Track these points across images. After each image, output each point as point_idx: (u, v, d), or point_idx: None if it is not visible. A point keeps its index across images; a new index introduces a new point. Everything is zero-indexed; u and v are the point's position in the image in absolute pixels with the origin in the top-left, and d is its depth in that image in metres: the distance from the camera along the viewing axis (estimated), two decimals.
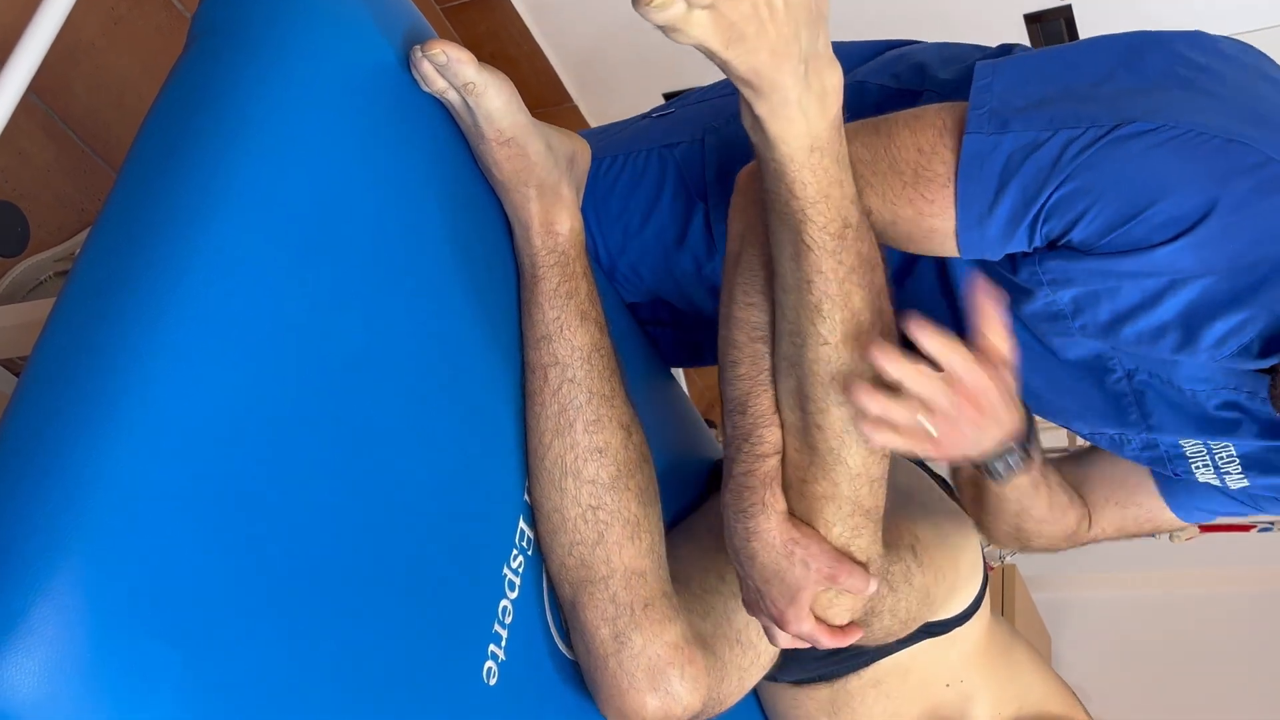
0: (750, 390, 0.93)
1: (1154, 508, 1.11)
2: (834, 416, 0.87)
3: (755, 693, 1.25)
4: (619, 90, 2.40)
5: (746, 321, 0.93)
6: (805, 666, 1.17)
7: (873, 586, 0.92)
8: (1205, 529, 2.46)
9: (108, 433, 0.66)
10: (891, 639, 1.08)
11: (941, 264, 1.02)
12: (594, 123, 2.50)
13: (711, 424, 2.84)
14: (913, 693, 1.20)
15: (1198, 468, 0.99)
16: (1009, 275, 0.90)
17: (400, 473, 0.85)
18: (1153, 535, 1.17)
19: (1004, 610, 2.51)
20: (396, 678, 0.82)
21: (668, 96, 2.36)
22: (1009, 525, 1.09)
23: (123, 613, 0.64)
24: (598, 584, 0.97)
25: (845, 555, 0.91)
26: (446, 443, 0.91)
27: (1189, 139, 0.78)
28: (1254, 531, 2.71)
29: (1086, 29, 2.02)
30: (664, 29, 0.72)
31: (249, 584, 0.71)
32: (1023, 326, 0.95)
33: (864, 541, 0.93)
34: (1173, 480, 1.07)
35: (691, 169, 1.13)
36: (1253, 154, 0.78)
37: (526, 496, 1.00)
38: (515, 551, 0.97)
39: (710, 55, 0.75)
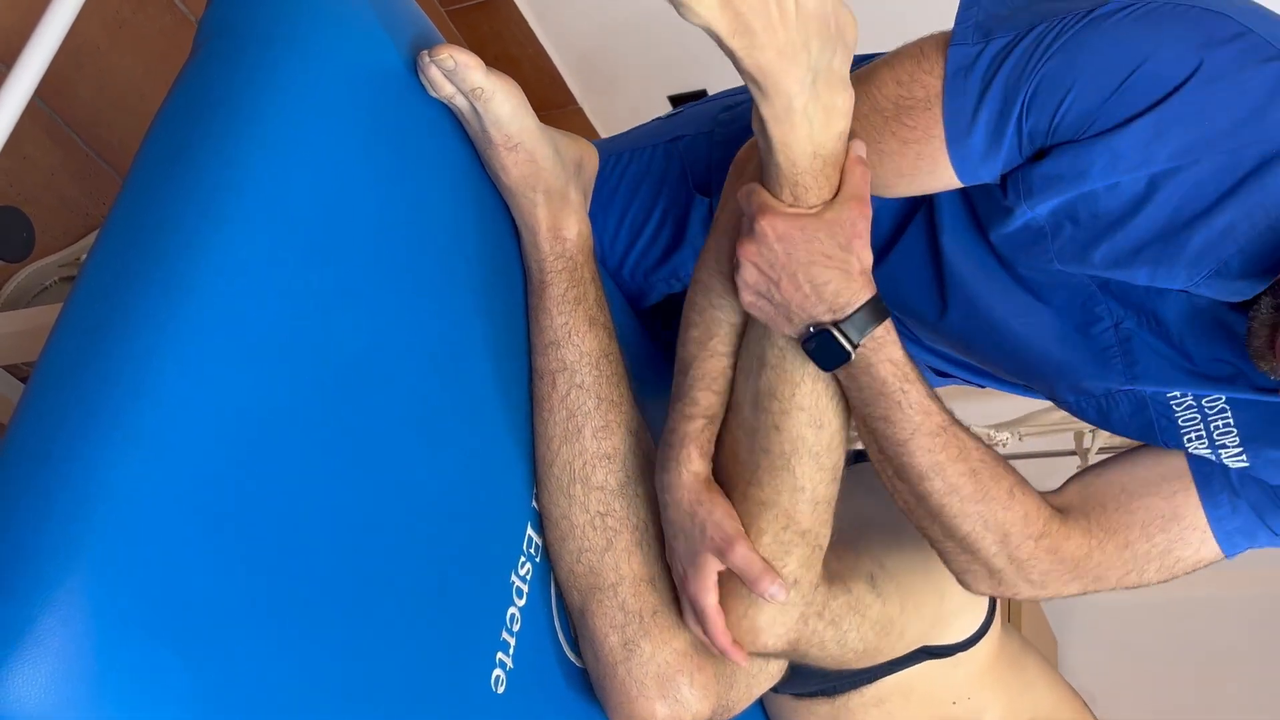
0: (696, 355, 0.93)
1: (1188, 525, 0.93)
2: (795, 420, 0.88)
3: (761, 702, 1.25)
4: (623, 92, 2.40)
5: (710, 288, 0.93)
6: (807, 681, 1.16)
7: (777, 592, 0.89)
8: None
9: (114, 441, 0.66)
10: (848, 667, 1.07)
11: (930, 232, 0.99)
12: (598, 124, 2.49)
13: None
14: (917, 711, 1.19)
15: (1189, 438, 0.92)
16: (997, 194, 0.88)
17: (408, 480, 0.85)
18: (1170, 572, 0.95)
19: (1010, 614, 2.50)
20: (404, 686, 0.82)
21: (672, 99, 2.36)
22: (932, 510, 0.89)
23: (129, 622, 0.64)
24: (606, 591, 0.96)
25: (747, 538, 0.90)
26: (454, 449, 0.91)
27: (1165, 9, 0.77)
28: None
29: None
30: (675, 3, 0.73)
31: (256, 592, 0.71)
32: (1011, 279, 0.92)
33: (793, 561, 0.92)
34: (1215, 482, 0.92)
35: (695, 161, 1.13)
36: (1231, 24, 0.76)
37: (535, 503, 1.00)
38: (523, 559, 0.97)
39: (718, 41, 0.75)
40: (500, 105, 0.91)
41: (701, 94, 2.32)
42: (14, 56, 0.88)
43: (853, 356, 0.83)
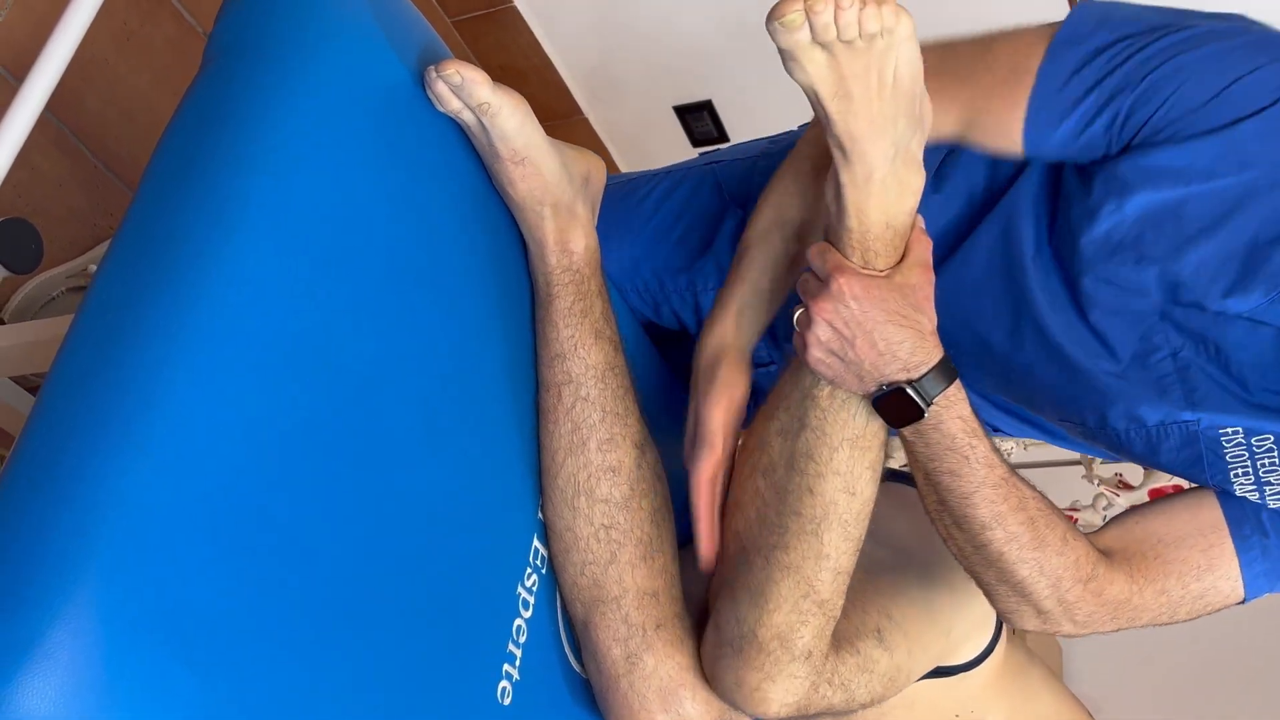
0: (761, 237, 1.01)
1: (1222, 574, 0.96)
2: (829, 484, 0.89)
3: None
4: (629, 103, 2.41)
5: (787, 185, 1.00)
6: None
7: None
8: None
9: (123, 452, 0.66)
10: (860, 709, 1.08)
11: (1007, 250, 0.98)
12: (604, 134, 2.50)
13: None
14: None
15: (1236, 473, 0.94)
16: (1081, 193, 0.90)
17: (414, 491, 0.85)
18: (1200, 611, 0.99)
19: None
20: (411, 697, 0.82)
21: (677, 109, 2.37)
22: (990, 557, 0.92)
23: (138, 633, 0.64)
24: (610, 604, 0.96)
25: (715, 459, 0.99)
26: (461, 461, 0.91)
27: (1274, 38, 0.82)
28: None
29: None
30: (784, 54, 0.77)
31: (263, 604, 0.71)
32: (1074, 308, 0.94)
33: (808, 632, 0.92)
34: (1247, 525, 0.95)
35: (731, 178, 1.15)
36: None
37: (541, 515, 1.00)
38: (529, 570, 0.97)
39: (816, 102, 0.80)
40: (507, 120, 0.92)
41: (706, 105, 2.33)
42: (26, 71, 0.89)
43: (926, 415, 0.85)
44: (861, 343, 0.83)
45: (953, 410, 0.86)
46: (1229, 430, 0.92)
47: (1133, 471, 2.33)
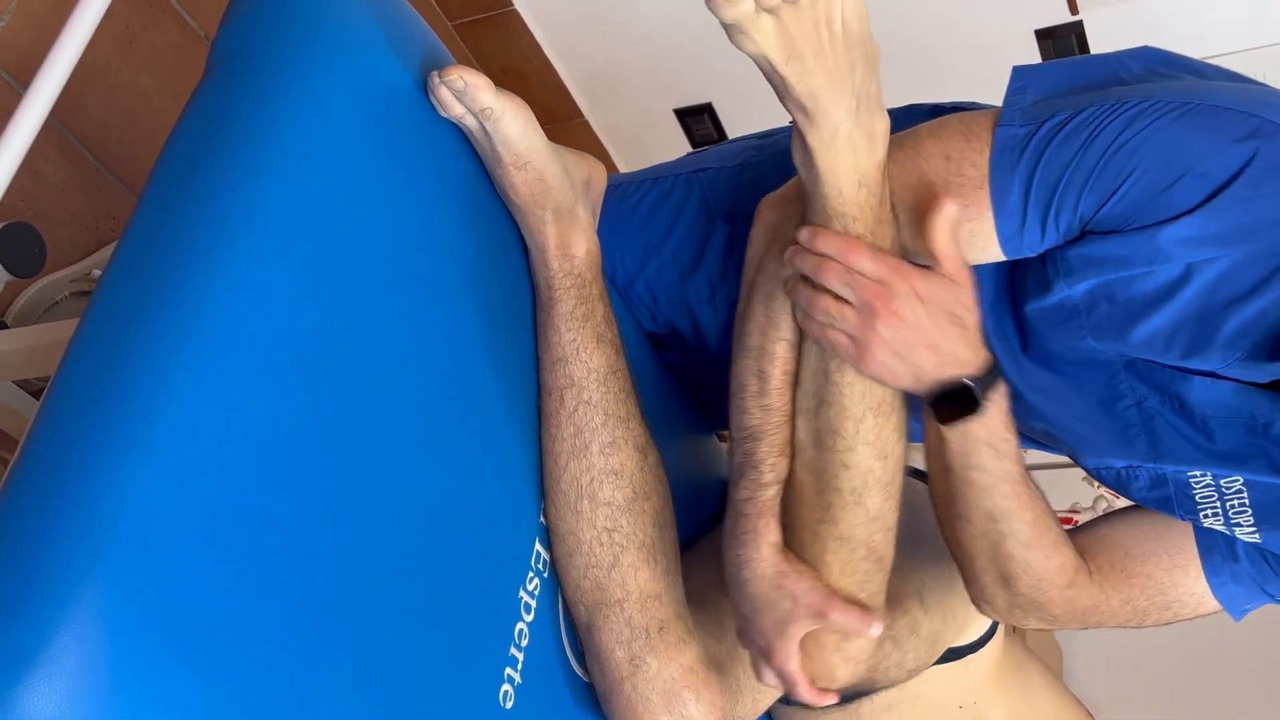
0: (764, 422, 0.93)
1: (1186, 590, 0.99)
2: (861, 455, 0.88)
3: (769, 713, 1.25)
4: (629, 106, 2.41)
5: (761, 351, 0.92)
6: None
7: (875, 629, 0.90)
8: None
9: (128, 457, 0.66)
10: (900, 684, 1.08)
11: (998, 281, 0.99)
12: (605, 137, 2.50)
13: (723, 438, 2.84)
14: (925, 716, 1.19)
15: (1205, 514, 0.95)
16: (1037, 266, 0.89)
17: (416, 495, 0.86)
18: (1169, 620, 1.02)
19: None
20: (413, 701, 0.82)
21: (678, 112, 2.37)
22: (987, 545, 0.95)
23: (143, 638, 0.64)
24: (613, 607, 0.97)
25: (841, 595, 0.91)
26: (462, 464, 0.91)
27: (1218, 112, 0.79)
28: None
29: (1098, 45, 2.03)
30: (730, 28, 0.74)
31: (265, 608, 0.71)
32: (1034, 358, 0.94)
33: (874, 588, 0.93)
34: (1218, 554, 0.98)
35: (718, 191, 1.13)
36: (1269, 124, 0.78)
37: (543, 519, 1.01)
38: (531, 574, 0.97)
39: (770, 70, 0.77)
40: (509, 125, 0.92)
41: (707, 107, 2.33)
42: (29, 75, 0.89)
43: (980, 412, 0.85)
44: (925, 345, 0.82)
45: (999, 405, 0.86)
46: (1197, 473, 0.93)
47: None
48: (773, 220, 0.94)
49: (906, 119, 0.96)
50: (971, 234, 0.86)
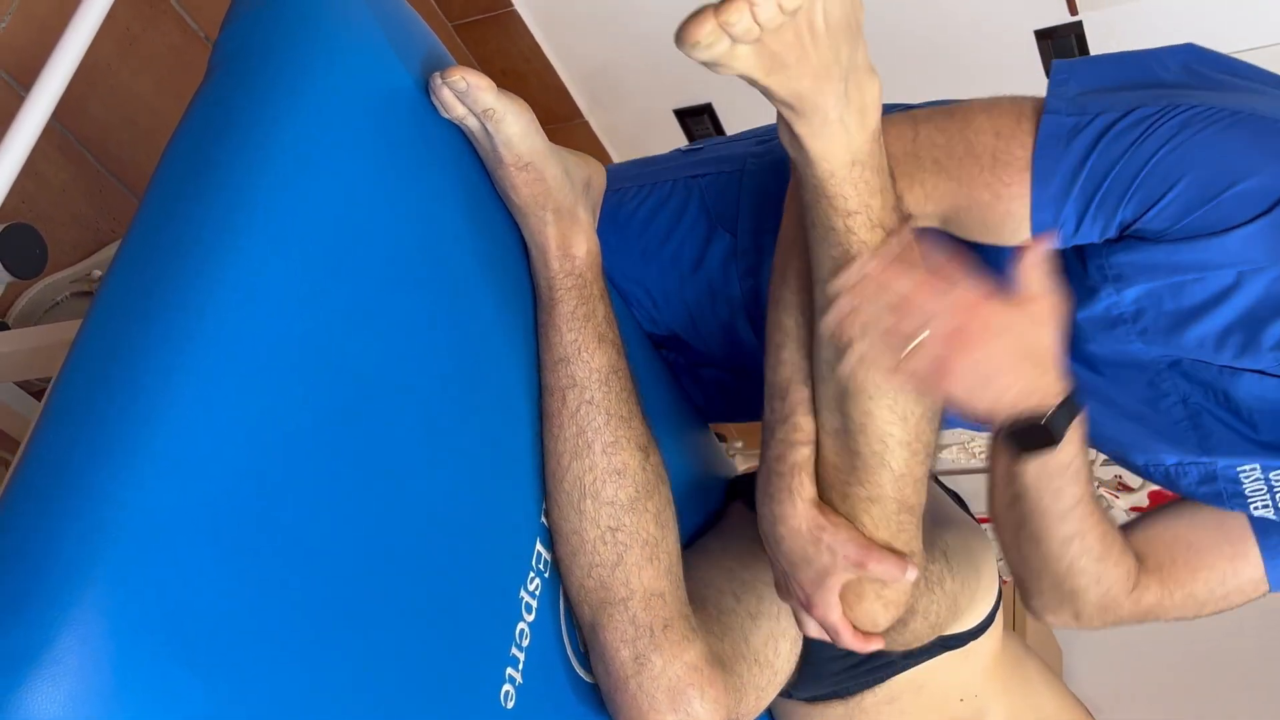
0: (792, 377, 0.93)
1: (1247, 578, 1.01)
2: (878, 419, 0.88)
3: (770, 709, 1.25)
4: (629, 106, 2.41)
5: (796, 305, 0.93)
6: (820, 683, 1.17)
7: (911, 574, 0.91)
8: None
9: (130, 459, 0.66)
10: (916, 644, 1.08)
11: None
12: (604, 138, 2.50)
13: (723, 438, 2.84)
14: (927, 708, 1.20)
15: (1256, 506, 0.96)
16: (1079, 271, 0.89)
17: (417, 495, 0.86)
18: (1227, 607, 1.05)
19: (1015, 623, 2.50)
20: (414, 701, 0.82)
21: (677, 112, 2.37)
22: (1061, 566, 0.96)
23: (144, 640, 0.64)
24: (617, 605, 0.97)
25: (877, 544, 0.91)
26: (463, 465, 0.91)
27: (1268, 124, 0.79)
28: None
29: (1097, 45, 2.03)
30: (708, 65, 0.71)
31: (267, 609, 0.71)
32: (1076, 360, 0.94)
33: (908, 536, 0.93)
34: (1274, 536, 1.00)
35: (716, 198, 1.13)
36: None
37: (543, 519, 1.01)
38: (532, 574, 0.98)
39: (753, 83, 0.74)
40: (511, 126, 0.92)
41: (706, 108, 2.33)
42: (29, 75, 0.89)
43: (1059, 444, 0.85)
44: (1006, 376, 0.80)
45: (1077, 433, 0.86)
46: (1246, 468, 0.94)
47: (1132, 474, 2.33)
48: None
49: None
50: (1008, 214, 0.86)
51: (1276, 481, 0.93)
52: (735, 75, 0.73)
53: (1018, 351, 0.80)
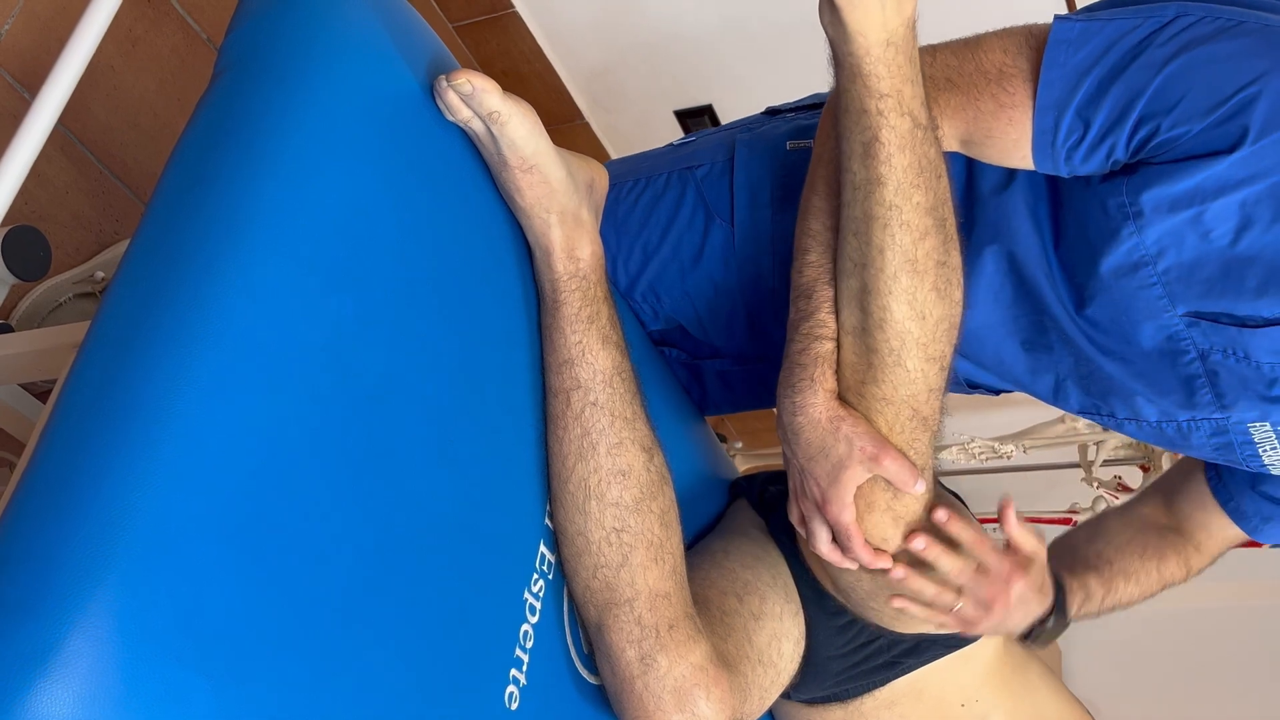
0: (818, 277, 0.95)
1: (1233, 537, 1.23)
2: (897, 314, 0.89)
3: (770, 710, 1.25)
4: (630, 108, 2.42)
5: (824, 210, 0.95)
6: (822, 684, 1.17)
7: (921, 486, 0.94)
8: None
9: (140, 462, 0.67)
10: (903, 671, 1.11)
11: (1011, 254, 1.01)
12: (605, 139, 2.51)
13: (723, 438, 2.84)
14: (927, 713, 1.20)
15: (1265, 451, 1.00)
16: (1100, 215, 0.91)
17: (422, 498, 0.86)
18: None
19: None
20: (420, 702, 0.83)
21: (678, 113, 2.37)
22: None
23: (155, 643, 0.64)
24: (622, 606, 0.97)
25: (894, 446, 0.94)
26: (468, 468, 0.92)
27: (1268, 33, 0.81)
28: (1266, 546, 2.70)
29: None
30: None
31: (275, 611, 0.72)
32: (1093, 317, 0.96)
33: (921, 447, 0.95)
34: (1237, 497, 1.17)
35: (713, 190, 1.14)
36: None
37: (547, 520, 1.01)
38: (536, 576, 0.98)
39: None
40: (516, 128, 0.92)
41: (706, 109, 2.34)
42: (33, 79, 0.89)
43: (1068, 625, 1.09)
44: (1018, 616, 1.05)
45: (1074, 611, 1.14)
46: (1257, 423, 0.97)
47: (1131, 475, 2.34)
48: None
49: None
50: (1010, 121, 0.89)
51: None
52: None
53: (1029, 601, 1.03)
